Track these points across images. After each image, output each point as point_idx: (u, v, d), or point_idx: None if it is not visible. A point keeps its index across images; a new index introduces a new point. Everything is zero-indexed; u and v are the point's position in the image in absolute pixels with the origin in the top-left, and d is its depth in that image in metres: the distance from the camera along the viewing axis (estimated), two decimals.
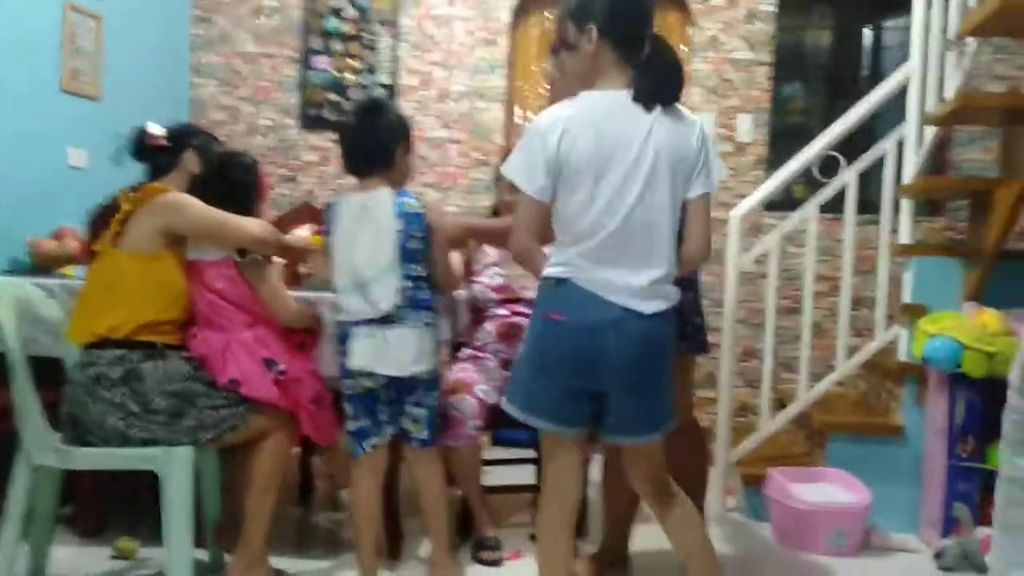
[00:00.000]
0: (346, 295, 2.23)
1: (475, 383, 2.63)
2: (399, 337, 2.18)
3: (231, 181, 2.36)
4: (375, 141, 2.26)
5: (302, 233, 2.69)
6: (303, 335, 2.41)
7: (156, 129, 2.36)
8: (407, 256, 2.21)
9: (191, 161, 2.37)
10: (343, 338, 2.24)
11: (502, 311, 2.86)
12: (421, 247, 2.24)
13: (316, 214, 3.76)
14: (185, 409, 2.13)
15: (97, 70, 3.55)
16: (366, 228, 2.21)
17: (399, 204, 2.23)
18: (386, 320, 2.19)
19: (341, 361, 2.25)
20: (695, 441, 2.57)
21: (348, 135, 2.30)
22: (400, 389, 2.26)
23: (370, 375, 2.21)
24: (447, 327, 2.51)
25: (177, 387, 2.14)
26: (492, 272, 2.87)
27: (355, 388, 2.25)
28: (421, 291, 2.24)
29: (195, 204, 2.23)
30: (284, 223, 3.54)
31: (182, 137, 2.39)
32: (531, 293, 2.85)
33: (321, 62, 4.29)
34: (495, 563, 2.62)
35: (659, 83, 1.80)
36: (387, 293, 2.18)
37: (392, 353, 2.18)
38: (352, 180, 2.33)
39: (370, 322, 2.20)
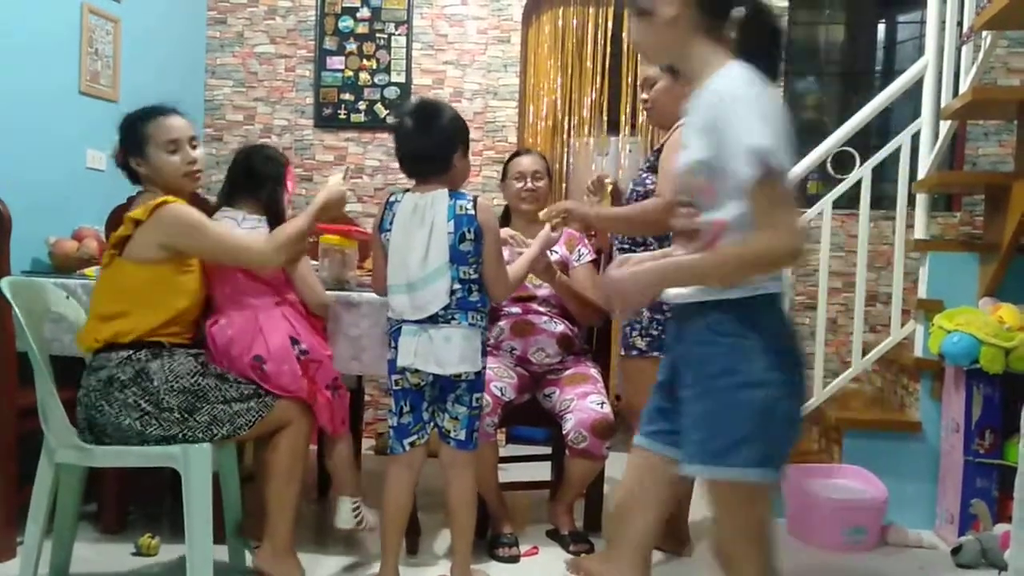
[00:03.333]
0: (395, 294, 2.23)
1: (491, 380, 2.64)
2: (446, 337, 2.18)
3: (256, 173, 2.39)
4: (432, 147, 2.24)
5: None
6: (323, 321, 2.45)
7: (112, 153, 2.29)
8: (458, 258, 2.20)
9: (139, 165, 2.26)
10: (393, 334, 2.24)
11: (515, 309, 2.87)
12: (472, 249, 2.22)
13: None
14: (197, 405, 2.14)
15: (115, 73, 3.58)
16: (420, 229, 2.20)
17: (453, 206, 2.22)
18: (433, 319, 2.19)
19: (390, 358, 2.26)
20: None
21: (404, 140, 2.26)
22: (444, 387, 2.26)
23: (416, 371, 2.22)
24: None
25: (186, 383, 2.15)
26: None
27: (402, 383, 2.26)
28: (471, 293, 2.22)
29: (192, 223, 2.17)
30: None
31: (122, 145, 2.28)
32: (544, 291, 2.89)
33: (335, 62, 4.31)
34: (512, 559, 2.64)
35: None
36: (437, 295, 2.17)
37: (437, 352, 2.18)
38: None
39: (417, 320, 2.20)
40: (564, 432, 2.64)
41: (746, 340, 1.44)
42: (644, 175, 2.62)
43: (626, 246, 2.56)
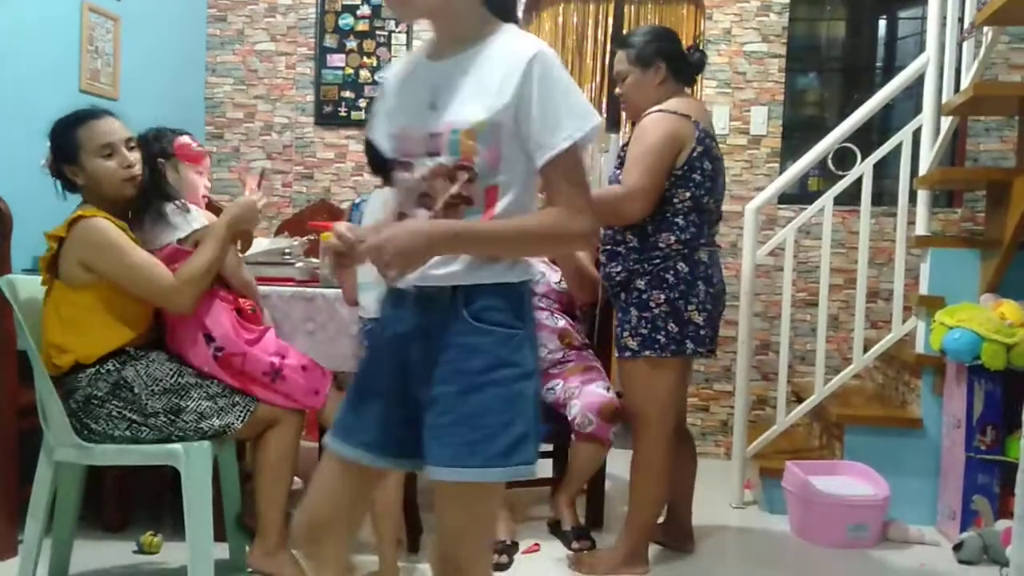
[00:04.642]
0: (366, 292, 2.21)
1: None
2: None
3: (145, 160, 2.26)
4: None
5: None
6: (253, 301, 2.39)
7: (44, 163, 2.20)
8: None
9: (75, 174, 2.17)
10: (367, 335, 2.21)
11: None
12: None
13: (333, 211, 3.79)
14: (182, 404, 2.12)
15: (115, 71, 3.58)
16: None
17: None
18: None
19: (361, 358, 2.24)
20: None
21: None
22: None
23: None
24: None
25: (167, 384, 2.12)
26: None
27: None
28: None
29: (106, 242, 2.06)
30: (301, 219, 3.57)
31: (53, 154, 2.18)
32: (543, 287, 2.87)
33: (336, 59, 4.31)
34: (499, 567, 2.57)
35: None
36: None
37: None
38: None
39: None
40: (570, 418, 2.63)
41: (518, 329, 1.33)
42: (617, 172, 2.60)
43: (607, 247, 2.54)
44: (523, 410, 1.31)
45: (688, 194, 2.39)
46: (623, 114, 4.25)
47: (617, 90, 2.59)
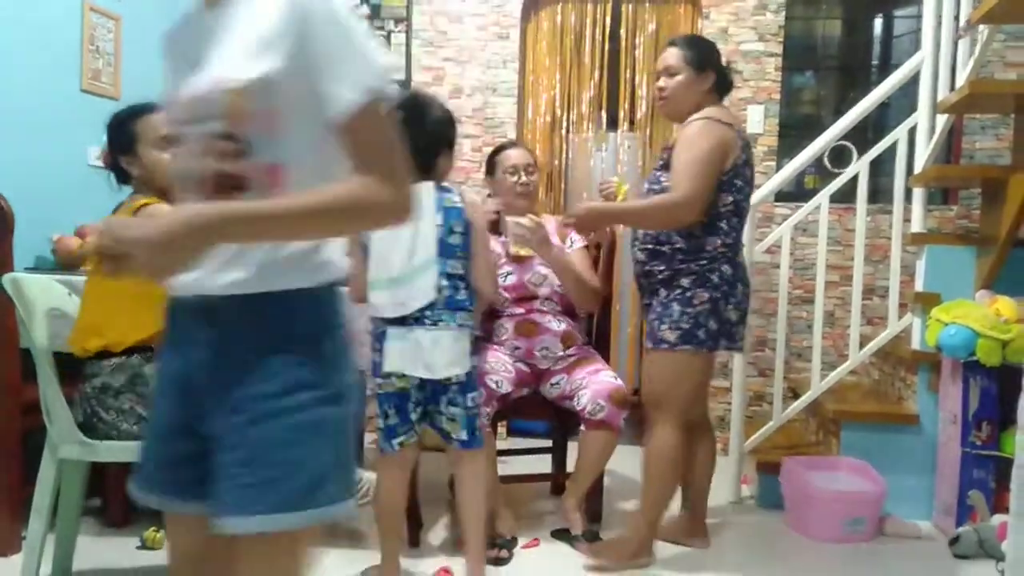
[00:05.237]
0: (376, 290, 2.19)
1: (486, 373, 2.65)
2: (434, 340, 2.14)
3: None
4: (416, 145, 2.11)
5: None
6: None
7: (96, 154, 2.26)
8: (445, 251, 2.18)
9: (130, 164, 2.23)
10: (378, 337, 2.20)
11: (519, 309, 2.87)
12: (460, 243, 2.20)
13: None
14: None
15: (116, 70, 3.60)
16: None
17: (440, 199, 2.20)
18: (420, 321, 2.15)
19: (375, 360, 2.21)
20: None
21: None
22: (434, 390, 2.22)
23: (403, 375, 2.18)
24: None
25: None
26: (504, 271, 2.89)
27: (387, 387, 2.22)
28: (458, 291, 2.19)
29: None
30: None
31: (110, 145, 2.24)
32: (546, 290, 2.89)
33: None
34: (499, 562, 2.57)
35: None
36: (422, 291, 2.14)
37: (426, 356, 2.14)
38: None
39: (403, 323, 2.16)
40: (579, 407, 2.65)
41: (324, 343, 1.13)
42: (658, 173, 2.61)
43: (649, 246, 2.56)
44: (328, 440, 1.10)
45: (731, 198, 2.47)
46: (621, 113, 4.28)
47: (660, 83, 2.58)
